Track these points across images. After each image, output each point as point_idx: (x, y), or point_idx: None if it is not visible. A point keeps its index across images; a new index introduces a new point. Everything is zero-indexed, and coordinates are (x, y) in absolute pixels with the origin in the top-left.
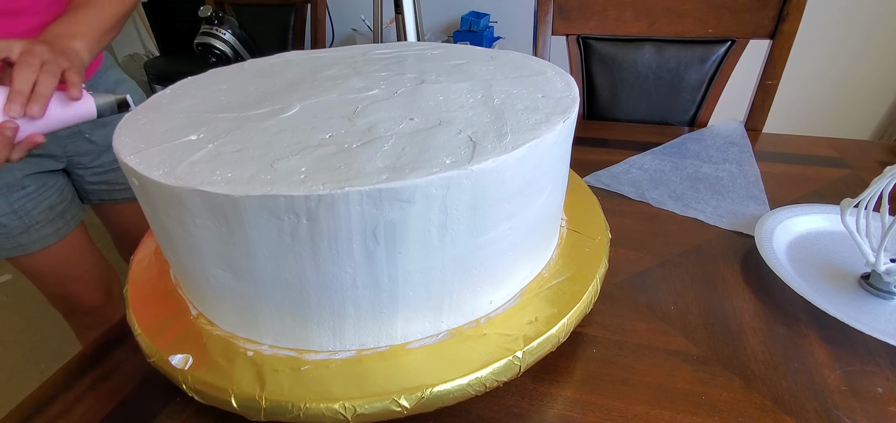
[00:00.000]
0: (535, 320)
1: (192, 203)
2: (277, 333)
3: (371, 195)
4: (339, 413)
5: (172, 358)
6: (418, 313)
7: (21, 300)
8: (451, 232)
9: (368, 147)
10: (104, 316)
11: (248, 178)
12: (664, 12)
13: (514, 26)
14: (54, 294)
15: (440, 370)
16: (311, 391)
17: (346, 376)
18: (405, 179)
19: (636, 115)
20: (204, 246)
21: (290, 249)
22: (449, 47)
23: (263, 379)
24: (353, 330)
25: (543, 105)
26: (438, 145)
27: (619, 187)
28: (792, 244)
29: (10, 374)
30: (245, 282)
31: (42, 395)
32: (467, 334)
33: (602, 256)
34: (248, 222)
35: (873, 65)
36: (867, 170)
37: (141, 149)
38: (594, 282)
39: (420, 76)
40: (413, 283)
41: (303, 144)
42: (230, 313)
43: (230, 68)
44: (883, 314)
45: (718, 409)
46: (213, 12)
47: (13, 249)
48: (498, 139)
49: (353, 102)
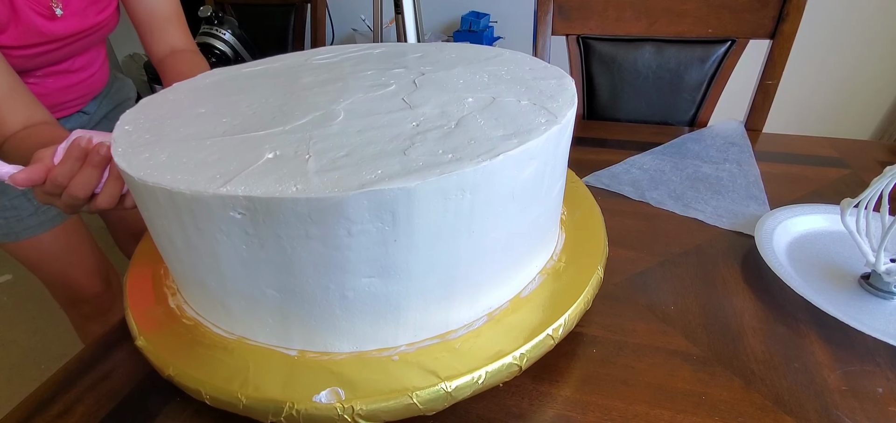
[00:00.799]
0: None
1: (355, 210)
2: (417, 327)
3: (515, 158)
4: (515, 364)
5: (317, 397)
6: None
7: (21, 300)
8: (538, 188)
9: (468, 123)
10: (104, 306)
11: (401, 169)
12: (664, 12)
13: (514, 26)
14: (56, 282)
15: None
16: (477, 358)
17: (498, 333)
18: (529, 140)
19: (636, 115)
20: (353, 257)
21: (453, 227)
22: (398, 45)
23: (433, 369)
24: (487, 297)
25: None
26: (516, 113)
27: (619, 187)
28: (792, 244)
29: (10, 374)
30: (395, 280)
31: (42, 395)
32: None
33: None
34: (416, 211)
35: (873, 65)
36: (867, 170)
37: (234, 174)
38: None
39: (418, 69)
40: (530, 232)
41: (406, 134)
42: (362, 327)
43: (201, 85)
44: (883, 314)
45: (718, 409)
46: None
47: (24, 231)
48: (551, 101)
49: (389, 96)
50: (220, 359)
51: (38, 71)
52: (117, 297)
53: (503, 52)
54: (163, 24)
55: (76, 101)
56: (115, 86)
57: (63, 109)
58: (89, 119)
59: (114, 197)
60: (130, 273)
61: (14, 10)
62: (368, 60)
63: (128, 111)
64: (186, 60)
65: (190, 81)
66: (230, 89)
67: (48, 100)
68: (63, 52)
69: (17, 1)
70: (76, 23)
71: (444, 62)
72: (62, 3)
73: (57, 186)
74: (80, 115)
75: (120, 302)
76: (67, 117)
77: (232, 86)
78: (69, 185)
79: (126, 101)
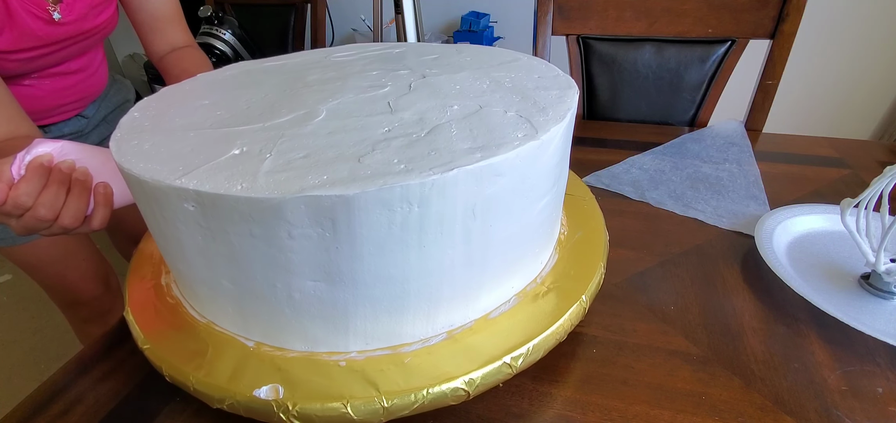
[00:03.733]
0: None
1: (293, 213)
2: (368, 335)
3: (474, 174)
4: (461, 389)
5: (258, 392)
6: (503, 281)
7: (21, 300)
8: (527, 200)
9: (439, 132)
10: (103, 308)
11: (347, 176)
12: (664, 12)
13: (514, 26)
14: (54, 286)
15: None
16: (425, 377)
17: (452, 353)
18: (496, 156)
19: (636, 115)
20: (296, 260)
21: (399, 240)
22: (411, 45)
23: (374, 381)
24: (446, 313)
25: (556, 84)
26: (497, 125)
27: (619, 187)
28: (792, 244)
29: (10, 374)
30: (341, 287)
31: (42, 395)
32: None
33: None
34: (356, 220)
35: (873, 65)
36: (867, 170)
37: (190, 169)
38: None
39: (419, 71)
40: (498, 253)
41: (371, 140)
42: (312, 328)
43: (202, 82)
44: (883, 314)
45: (718, 409)
46: (213, 12)
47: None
48: (542, 113)
49: (377, 99)
50: (185, 340)
51: (34, 73)
52: (117, 299)
53: (520, 58)
54: (164, 25)
55: (74, 104)
56: (114, 88)
57: (61, 112)
58: (88, 123)
59: (78, 216)
60: (137, 251)
61: (9, 15)
62: (381, 60)
63: (146, 98)
64: (189, 56)
65: (213, 72)
66: (242, 83)
67: (45, 103)
68: (60, 54)
69: (12, 5)
70: (75, 27)
71: (453, 65)
72: (61, 7)
73: (18, 207)
74: (78, 119)
75: (119, 304)
76: (66, 121)
77: (246, 79)
78: (34, 205)
79: (125, 103)
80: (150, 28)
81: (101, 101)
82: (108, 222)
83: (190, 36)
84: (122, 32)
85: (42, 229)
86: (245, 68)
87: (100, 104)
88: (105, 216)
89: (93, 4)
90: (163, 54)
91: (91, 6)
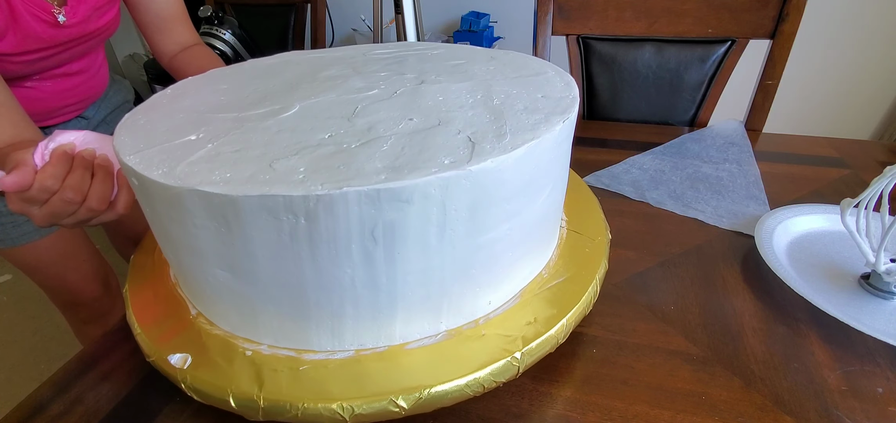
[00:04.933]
0: (534, 320)
1: (192, 204)
2: (277, 333)
3: (369, 195)
4: (337, 413)
5: (171, 357)
6: (417, 313)
7: (21, 300)
8: (449, 233)
9: (368, 147)
10: (103, 309)
11: (247, 178)
12: (664, 12)
13: (514, 26)
14: (54, 287)
15: (439, 371)
16: (309, 391)
17: (345, 376)
18: (404, 179)
19: (636, 115)
20: (203, 247)
21: (289, 249)
22: (449, 47)
23: (262, 379)
24: (352, 330)
25: (543, 105)
26: (438, 145)
27: (619, 187)
28: (792, 244)
29: (10, 374)
30: (244, 283)
31: (42, 395)
32: (466, 334)
33: (602, 256)
34: (246, 222)
35: (873, 65)
36: (867, 170)
37: (140, 149)
38: (594, 282)
39: (420, 76)
40: (412, 283)
41: (302, 144)
42: (230, 313)
43: (230, 68)
44: (883, 314)
45: (718, 409)
46: (213, 12)
47: (20, 237)
48: (497, 139)
49: (352, 102)
50: (152, 302)
51: (36, 75)
52: (116, 300)
53: (546, 72)
54: (171, 24)
55: (75, 105)
56: (114, 89)
57: (62, 113)
58: (88, 124)
59: (104, 198)
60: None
61: (13, 17)
62: (397, 61)
63: (181, 81)
64: (204, 54)
65: (260, 60)
66: (267, 72)
67: (46, 104)
68: (63, 56)
69: (16, 7)
70: (79, 29)
71: (466, 74)
72: (65, 10)
73: (45, 191)
74: (79, 120)
75: (119, 305)
76: (66, 122)
77: (273, 69)
78: (62, 187)
79: (124, 103)
80: (156, 28)
81: (101, 102)
82: (131, 205)
83: (196, 33)
84: (122, 32)
85: (68, 213)
86: (286, 59)
87: (100, 105)
88: (129, 199)
89: (97, 6)
90: (173, 54)
91: (95, 8)
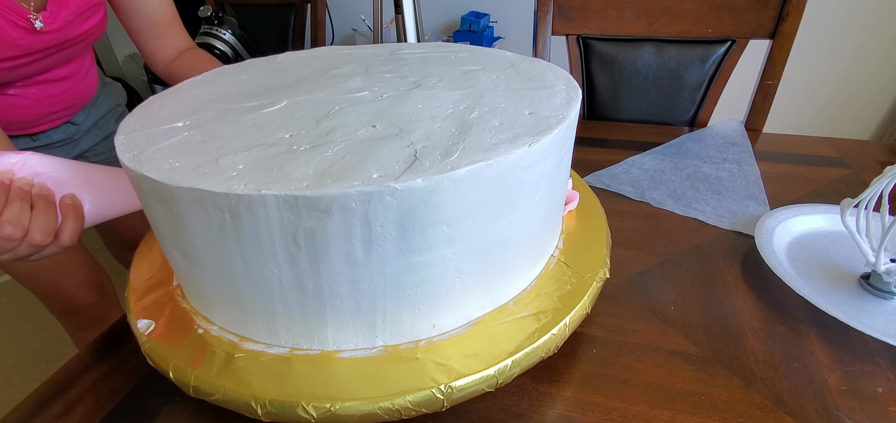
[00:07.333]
0: (475, 354)
1: (145, 187)
2: (225, 316)
3: (287, 201)
4: (252, 406)
5: (139, 322)
6: (348, 323)
7: (21, 300)
8: (377, 249)
9: (314, 151)
10: (99, 315)
11: (190, 169)
12: (664, 12)
13: (514, 26)
14: (48, 294)
15: (363, 385)
16: (231, 380)
17: (270, 372)
18: (323, 189)
19: (636, 115)
20: (161, 228)
21: (221, 242)
22: (475, 51)
23: (202, 358)
24: (285, 329)
25: (522, 123)
26: (380, 156)
27: (619, 187)
28: (792, 244)
29: (10, 374)
30: (192, 265)
31: (42, 395)
32: (401, 354)
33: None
34: (184, 211)
35: (873, 65)
36: (867, 170)
37: (134, 130)
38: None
39: (419, 80)
40: (340, 293)
41: (257, 142)
42: (190, 291)
43: (261, 59)
44: (883, 314)
45: (718, 409)
46: (213, 12)
47: None
48: (444, 157)
49: (334, 103)
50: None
51: (19, 82)
52: (112, 306)
53: (556, 85)
54: (165, 29)
55: (63, 111)
56: (104, 92)
57: (50, 120)
58: (78, 129)
59: (47, 231)
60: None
61: None
62: (409, 63)
63: (217, 69)
64: (202, 58)
65: (293, 53)
66: (288, 66)
67: (32, 112)
68: (45, 62)
69: None
70: (59, 35)
71: (466, 81)
72: (43, 16)
73: None
74: (68, 126)
75: (115, 311)
76: (55, 129)
77: (295, 63)
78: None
79: (116, 107)
80: (150, 34)
81: (91, 106)
82: (78, 235)
83: (189, 37)
84: (122, 33)
85: (6, 250)
86: (313, 53)
87: (90, 110)
88: (75, 229)
89: (78, 11)
90: (169, 59)
91: (76, 13)
